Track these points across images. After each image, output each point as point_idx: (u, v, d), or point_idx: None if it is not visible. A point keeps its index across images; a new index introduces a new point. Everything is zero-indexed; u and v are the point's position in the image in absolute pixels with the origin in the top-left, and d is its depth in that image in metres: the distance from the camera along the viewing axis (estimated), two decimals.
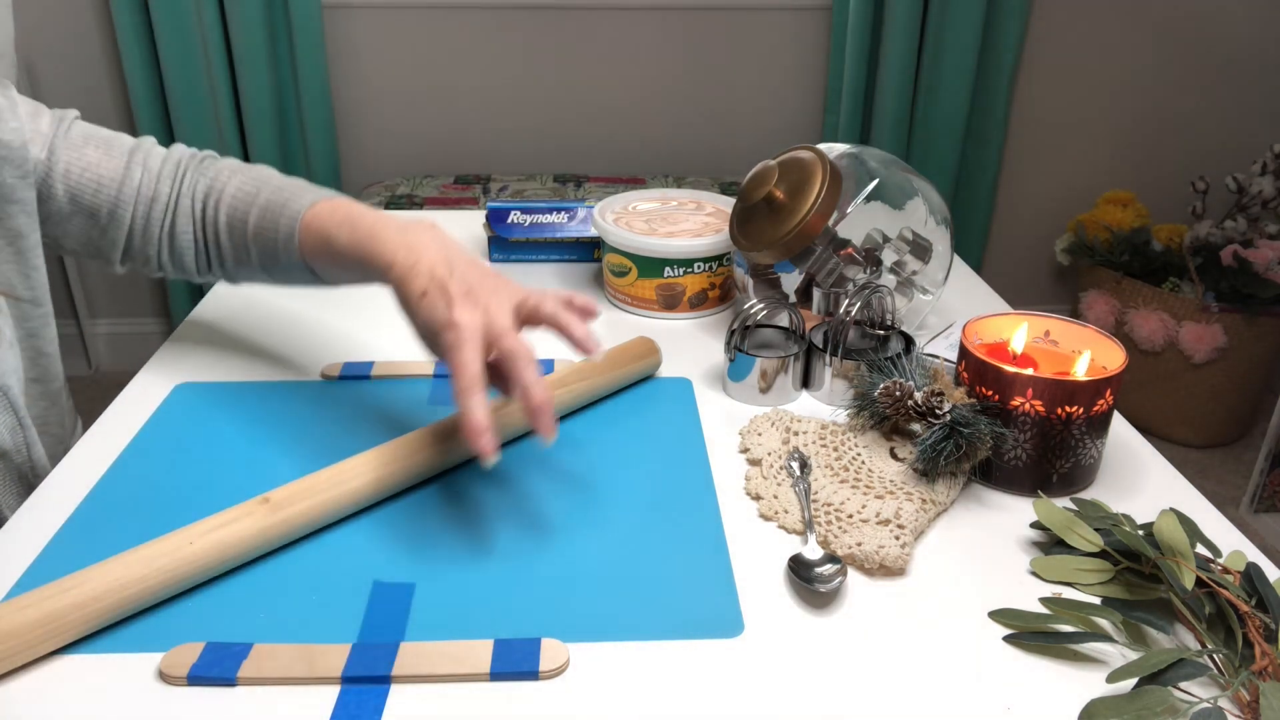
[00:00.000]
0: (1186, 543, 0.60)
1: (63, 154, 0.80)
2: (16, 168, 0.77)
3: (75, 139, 0.81)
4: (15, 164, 0.77)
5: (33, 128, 0.79)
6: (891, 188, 0.90)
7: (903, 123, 2.30)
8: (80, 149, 0.80)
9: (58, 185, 0.80)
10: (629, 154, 2.41)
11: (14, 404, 0.79)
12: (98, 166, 0.80)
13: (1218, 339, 2.08)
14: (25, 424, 0.80)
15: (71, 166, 0.80)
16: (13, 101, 0.78)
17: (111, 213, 0.81)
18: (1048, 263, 2.62)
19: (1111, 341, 0.72)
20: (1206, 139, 2.48)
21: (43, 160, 0.79)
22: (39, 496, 0.70)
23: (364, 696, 0.53)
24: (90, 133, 0.82)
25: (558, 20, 2.26)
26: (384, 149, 2.36)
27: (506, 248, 1.13)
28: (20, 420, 0.79)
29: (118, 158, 0.82)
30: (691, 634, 0.58)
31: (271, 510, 0.62)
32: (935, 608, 0.61)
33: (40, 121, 0.80)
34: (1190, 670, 0.52)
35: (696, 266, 0.97)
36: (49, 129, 0.80)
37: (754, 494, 0.71)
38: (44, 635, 0.54)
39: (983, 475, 0.73)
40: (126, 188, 0.81)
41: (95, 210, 0.81)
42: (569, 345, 0.67)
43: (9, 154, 0.76)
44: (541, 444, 0.76)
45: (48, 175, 0.79)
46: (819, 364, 0.84)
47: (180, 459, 0.74)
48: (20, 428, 0.79)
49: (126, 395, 0.83)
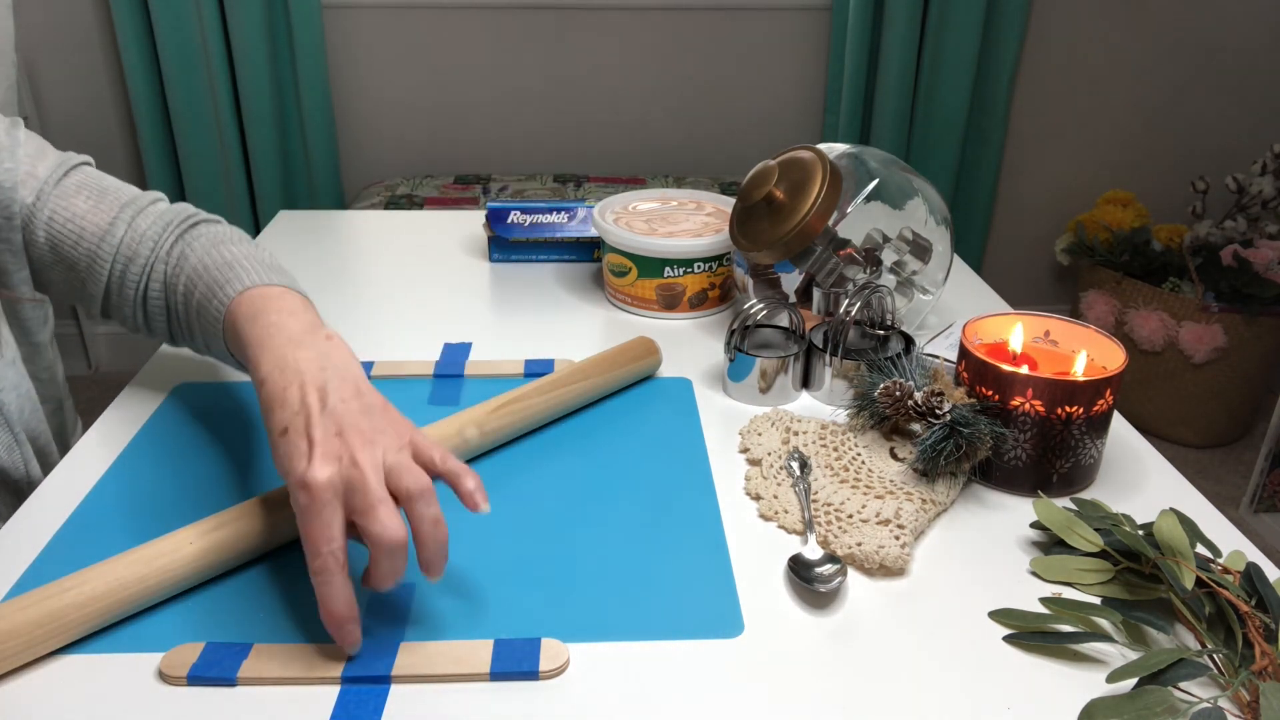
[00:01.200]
0: (1186, 543, 0.60)
1: (50, 200, 0.77)
2: (2, 208, 0.76)
3: (68, 187, 0.78)
4: (2, 205, 0.75)
5: (28, 170, 0.77)
6: (891, 188, 0.90)
7: (903, 123, 2.30)
8: (70, 198, 0.78)
9: (40, 232, 0.77)
10: (629, 154, 2.41)
11: (9, 421, 0.78)
12: (82, 218, 0.77)
13: (1218, 339, 2.08)
14: (21, 441, 0.79)
15: (56, 215, 0.77)
16: (15, 141, 0.77)
17: (89, 266, 0.78)
18: (1048, 263, 2.62)
19: (1111, 341, 0.72)
20: (1206, 139, 2.48)
21: (29, 204, 0.76)
22: (39, 496, 0.70)
23: (364, 696, 0.53)
24: (87, 182, 0.79)
25: (558, 20, 2.26)
26: (384, 149, 2.36)
27: (506, 248, 1.13)
28: (16, 438, 0.79)
29: (107, 211, 0.78)
30: (691, 634, 0.58)
31: (271, 510, 0.62)
32: (935, 608, 0.61)
33: (39, 164, 0.78)
34: (1190, 670, 0.52)
35: (696, 266, 0.97)
36: (44, 173, 0.77)
37: (754, 494, 0.71)
38: (44, 635, 0.54)
39: (983, 475, 0.73)
40: (106, 243, 0.77)
41: (74, 262, 0.78)
42: (458, 496, 0.58)
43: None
44: (545, 433, 0.76)
45: (30, 220, 0.77)
46: (819, 364, 0.84)
47: (180, 459, 0.74)
48: (16, 444, 0.79)
49: (126, 395, 0.83)
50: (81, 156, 0.81)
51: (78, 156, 0.81)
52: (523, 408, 0.75)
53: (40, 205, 0.77)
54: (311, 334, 0.64)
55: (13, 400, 0.78)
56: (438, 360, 0.89)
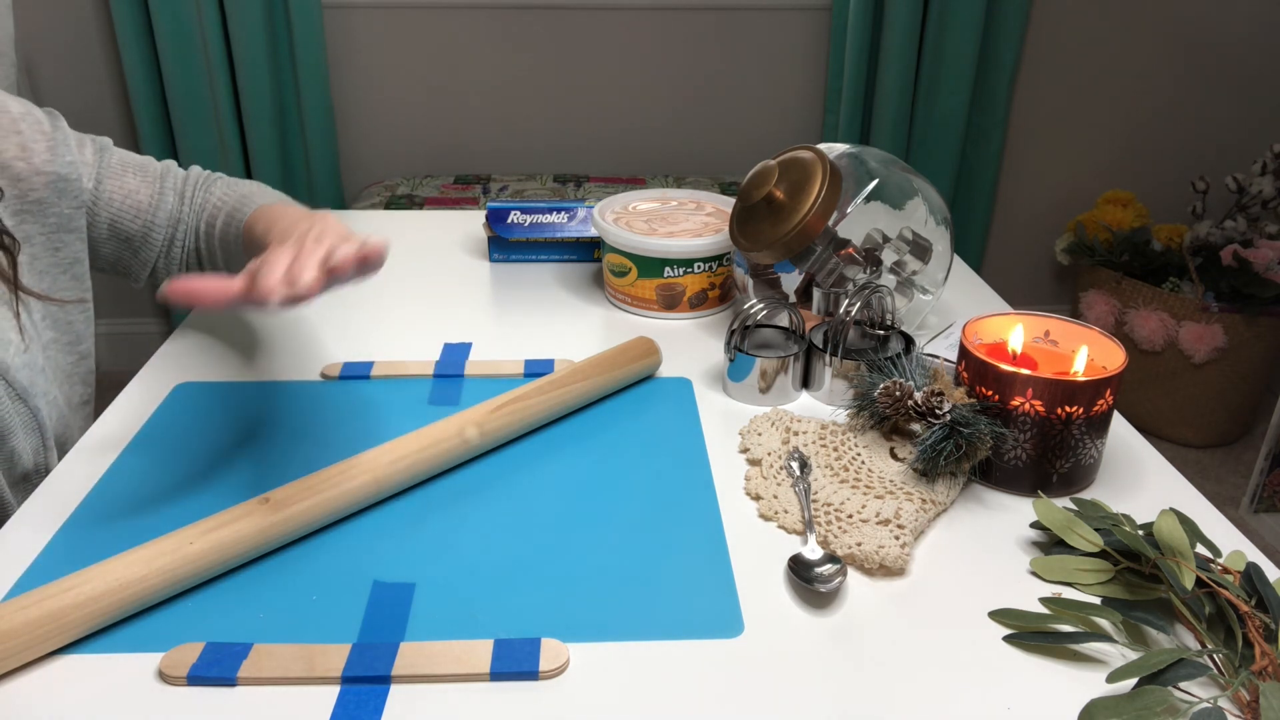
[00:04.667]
0: (1186, 543, 0.60)
1: (107, 182, 0.84)
2: (74, 198, 0.81)
3: (115, 167, 0.85)
4: (73, 195, 0.81)
5: (80, 158, 0.82)
6: (891, 188, 0.90)
7: (903, 123, 2.30)
8: (120, 177, 0.85)
9: (102, 213, 0.84)
10: (629, 154, 2.41)
11: (42, 426, 0.80)
12: (135, 193, 0.85)
13: (1218, 339, 2.08)
14: (49, 447, 0.81)
15: (114, 195, 0.84)
16: (64, 134, 0.81)
17: (145, 236, 0.86)
18: (1048, 263, 2.62)
19: (1111, 341, 0.72)
20: (1206, 139, 2.48)
21: (90, 189, 0.83)
22: (39, 496, 0.70)
23: (364, 696, 0.53)
24: (126, 159, 0.86)
25: (558, 20, 2.26)
26: (384, 149, 2.36)
27: (506, 248, 1.13)
28: (45, 442, 0.81)
29: (152, 183, 0.86)
30: (691, 634, 0.58)
31: (271, 510, 0.62)
32: (935, 608, 0.61)
33: (85, 152, 0.83)
34: (1190, 670, 0.52)
35: (696, 266, 0.97)
36: (93, 158, 0.84)
37: (754, 494, 0.71)
38: (44, 635, 0.54)
39: (983, 475, 0.73)
40: (160, 213, 0.86)
41: (131, 235, 0.85)
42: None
43: (67, 186, 0.80)
44: (545, 433, 0.76)
45: (94, 204, 0.83)
46: (819, 364, 0.84)
47: (180, 459, 0.74)
48: (44, 449, 0.81)
49: (126, 395, 0.83)
50: (104, 137, 0.87)
51: (99, 138, 0.87)
52: (523, 408, 0.76)
53: (101, 189, 0.84)
54: (308, 214, 0.78)
55: (44, 406, 0.80)
56: (438, 360, 0.89)
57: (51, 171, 0.79)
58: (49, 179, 0.78)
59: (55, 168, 0.79)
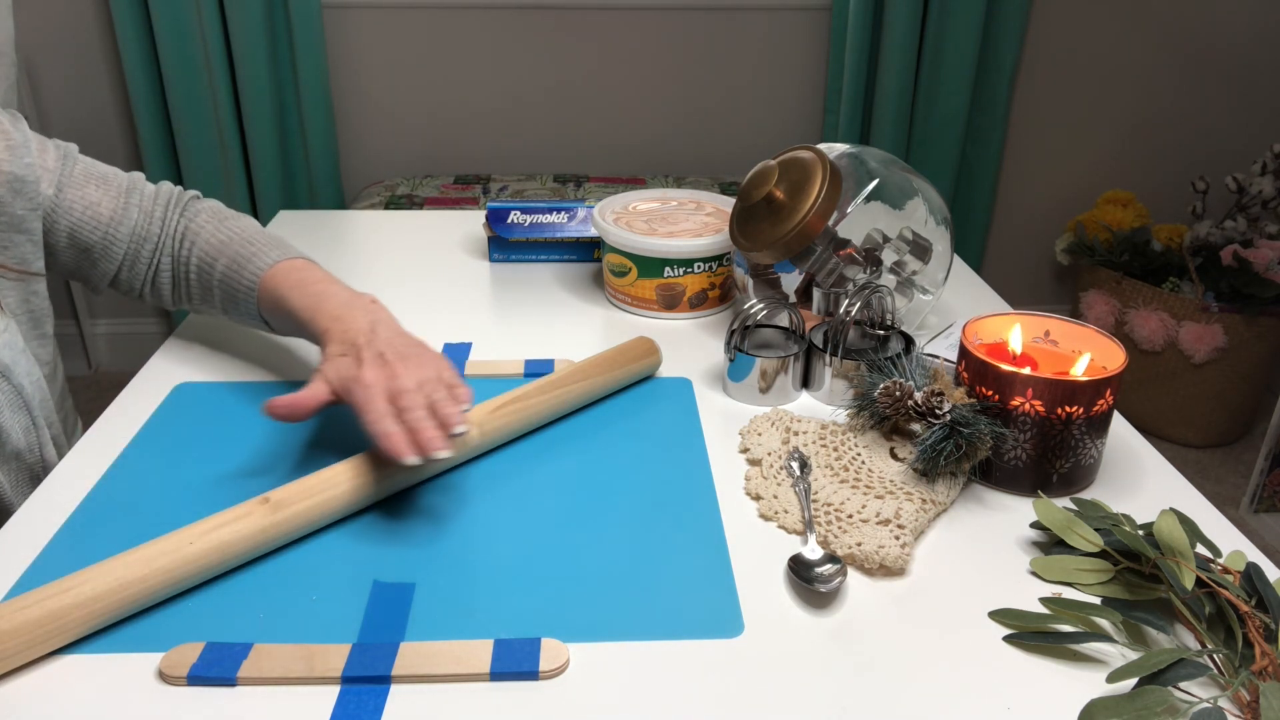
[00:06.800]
0: (1186, 543, 0.60)
1: (68, 191, 0.83)
2: (29, 200, 0.80)
3: (78, 176, 0.84)
4: (28, 196, 0.80)
5: (41, 163, 0.82)
6: (891, 188, 0.90)
7: (903, 123, 2.30)
8: (83, 187, 0.84)
9: (61, 220, 0.83)
10: (629, 154, 2.41)
11: (29, 404, 0.80)
12: (97, 205, 0.84)
13: (1218, 339, 2.08)
14: (39, 424, 0.81)
15: (75, 204, 0.83)
16: (26, 137, 0.81)
17: (105, 249, 0.85)
18: (1048, 263, 2.62)
19: (1111, 341, 0.72)
20: (1206, 139, 2.48)
21: (50, 196, 0.82)
22: (40, 496, 0.70)
23: (364, 696, 0.53)
24: (90, 170, 0.85)
25: (558, 20, 2.26)
26: (384, 149, 2.36)
27: (506, 248, 1.13)
28: (34, 420, 0.81)
29: (116, 196, 0.85)
30: (691, 634, 0.58)
31: (271, 510, 0.62)
32: (935, 608, 0.61)
33: (47, 157, 0.83)
34: (1190, 670, 0.52)
35: (696, 266, 0.97)
36: (55, 165, 0.83)
37: (754, 494, 0.71)
38: (44, 634, 0.54)
39: (983, 475, 0.73)
40: (123, 227, 0.85)
41: (90, 246, 0.84)
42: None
43: (23, 187, 0.79)
44: (545, 433, 0.76)
45: (54, 210, 0.82)
46: (819, 364, 0.84)
47: (180, 459, 0.74)
48: (34, 428, 0.81)
49: (126, 395, 0.83)
50: (72, 145, 0.86)
51: (65, 144, 0.86)
52: (523, 408, 0.76)
53: (60, 196, 0.82)
54: (358, 297, 0.78)
55: (27, 384, 0.80)
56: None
57: (8, 171, 0.78)
58: (5, 178, 0.78)
59: (12, 168, 0.78)
